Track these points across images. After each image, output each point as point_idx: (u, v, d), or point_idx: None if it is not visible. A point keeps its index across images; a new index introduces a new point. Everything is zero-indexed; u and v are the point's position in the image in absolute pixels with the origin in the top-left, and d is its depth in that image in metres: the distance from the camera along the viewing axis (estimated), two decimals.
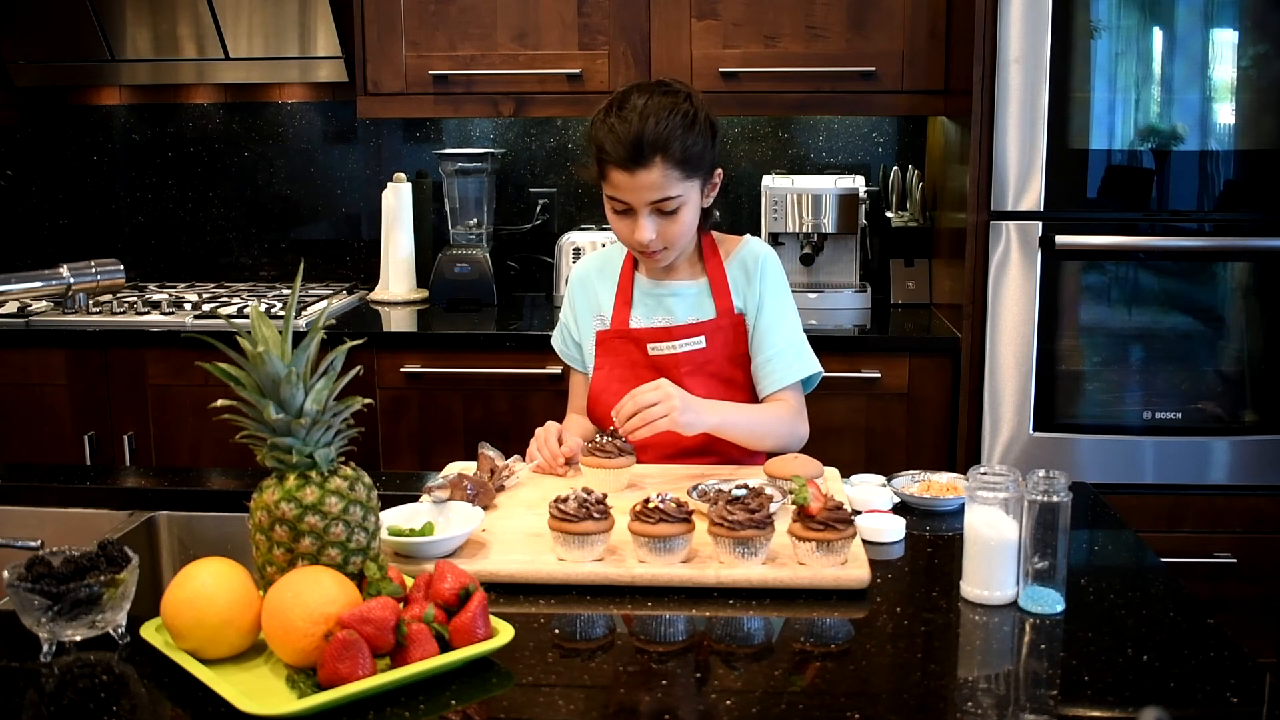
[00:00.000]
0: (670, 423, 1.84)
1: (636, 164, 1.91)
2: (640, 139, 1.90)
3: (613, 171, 1.94)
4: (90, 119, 3.63)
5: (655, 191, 1.93)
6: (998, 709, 1.21)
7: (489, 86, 3.15)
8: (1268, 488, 2.79)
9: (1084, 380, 2.83)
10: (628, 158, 1.91)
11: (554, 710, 1.22)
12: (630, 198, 1.95)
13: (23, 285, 2.90)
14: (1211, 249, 2.77)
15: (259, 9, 3.27)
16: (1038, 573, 1.43)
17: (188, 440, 3.05)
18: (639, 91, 1.97)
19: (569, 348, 2.21)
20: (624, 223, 2.00)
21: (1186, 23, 2.69)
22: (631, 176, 1.93)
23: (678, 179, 1.94)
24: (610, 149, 1.93)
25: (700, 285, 2.11)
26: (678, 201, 1.96)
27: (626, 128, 1.92)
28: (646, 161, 1.91)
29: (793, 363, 2.06)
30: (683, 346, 2.06)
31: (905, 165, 3.42)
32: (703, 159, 1.97)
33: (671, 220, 1.97)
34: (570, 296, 2.20)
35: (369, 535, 1.39)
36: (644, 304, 2.12)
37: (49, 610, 1.30)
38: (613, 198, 1.98)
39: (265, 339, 1.33)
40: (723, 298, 2.08)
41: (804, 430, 2.06)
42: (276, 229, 3.65)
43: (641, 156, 1.91)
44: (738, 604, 1.46)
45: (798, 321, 2.11)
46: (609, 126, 1.94)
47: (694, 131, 1.95)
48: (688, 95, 1.99)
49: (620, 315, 2.12)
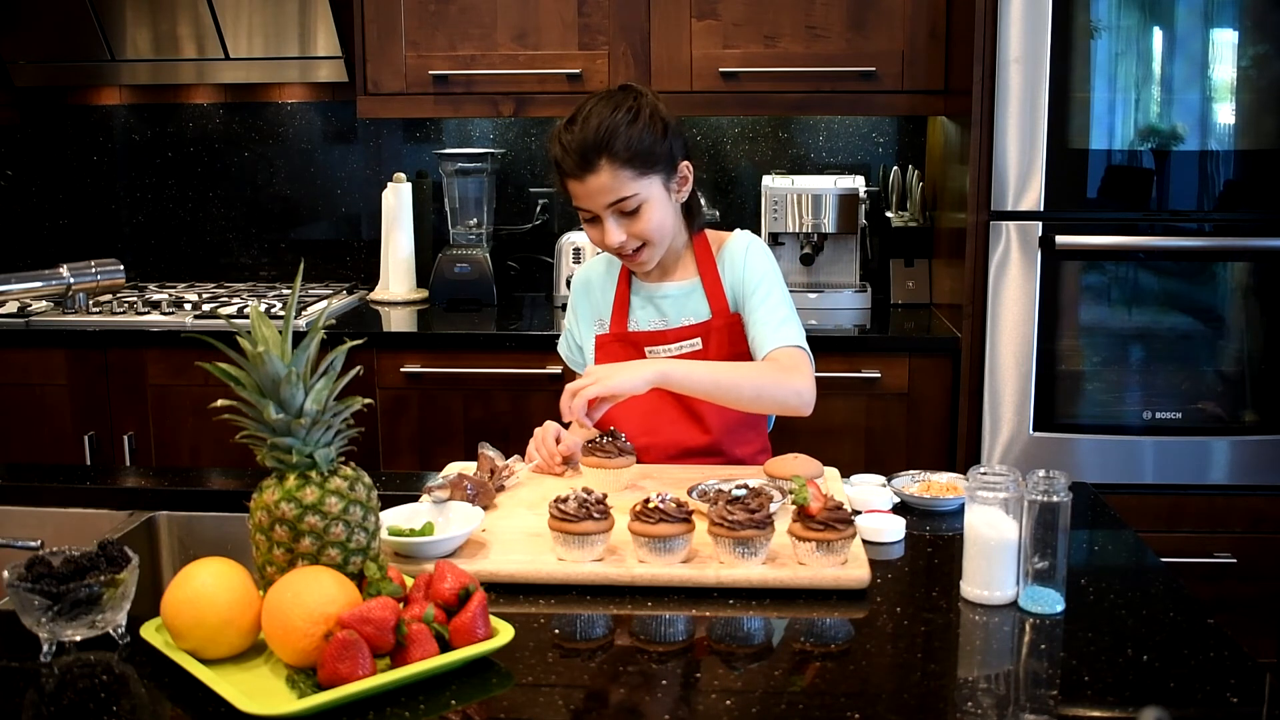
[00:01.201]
0: (602, 387, 1.78)
1: (585, 170, 1.94)
2: (584, 145, 1.93)
3: (569, 183, 1.98)
4: (90, 119, 3.63)
5: (609, 194, 1.95)
6: (998, 709, 1.21)
7: (489, 86, 3.15)
8: (1268, 488, 2.79)
9: (1084, 380, 2.83)
10: (576, 166, 1.94)
11: (554, 710, 1.22)
12: (588, 204, 1.98)
13: (23, 285, 2.90)
14: (1211, 249, 2.77)
15: (259, 9, 3.27)
16: (1038, 573, 1.43)
17: (188, 440, 3.05)
18: (588, 102, 1.99)
19: (573, 352, 2.22)
20: (595, 230, 2.02)
21: (1186, 23, 2.69)
22: (583, 183, 1.95)
23: (630, 178, 1.94)
24: (561, 161, 1.97)
25: (693, 285, 2.10)
26: (637, 200, 1.96)
27: (572, 137, 1.95)
28: (593, 165, 1.93)
29: (772, 332, 1.98)
30: (680, 349, 2.08)
31: (905, 165, 3.42)
32: (654, 154, 1.95)
33: (636, 219, 1.98)
34: (573, 302, 2.22)
35: (369, 535, 1.39)
36: (640, 307, 2.13)
37: (49, 610, 1.30)
38: (578, 207, 2.01)
39: (265, 339, 1.33)
40: (717, 298, 2.08)
41: (801, 384, 1.91)
42: (276, 229, 3.65)
43: (588, 162, 1.93)
44: (738, 604, 1.46)
45: (785, 298, 2.04)
46: (559, 140, 1.97)
47: (638, 127, 1.93)
48: (636, 94, 1.99)
49: (618, 319, 2.13)
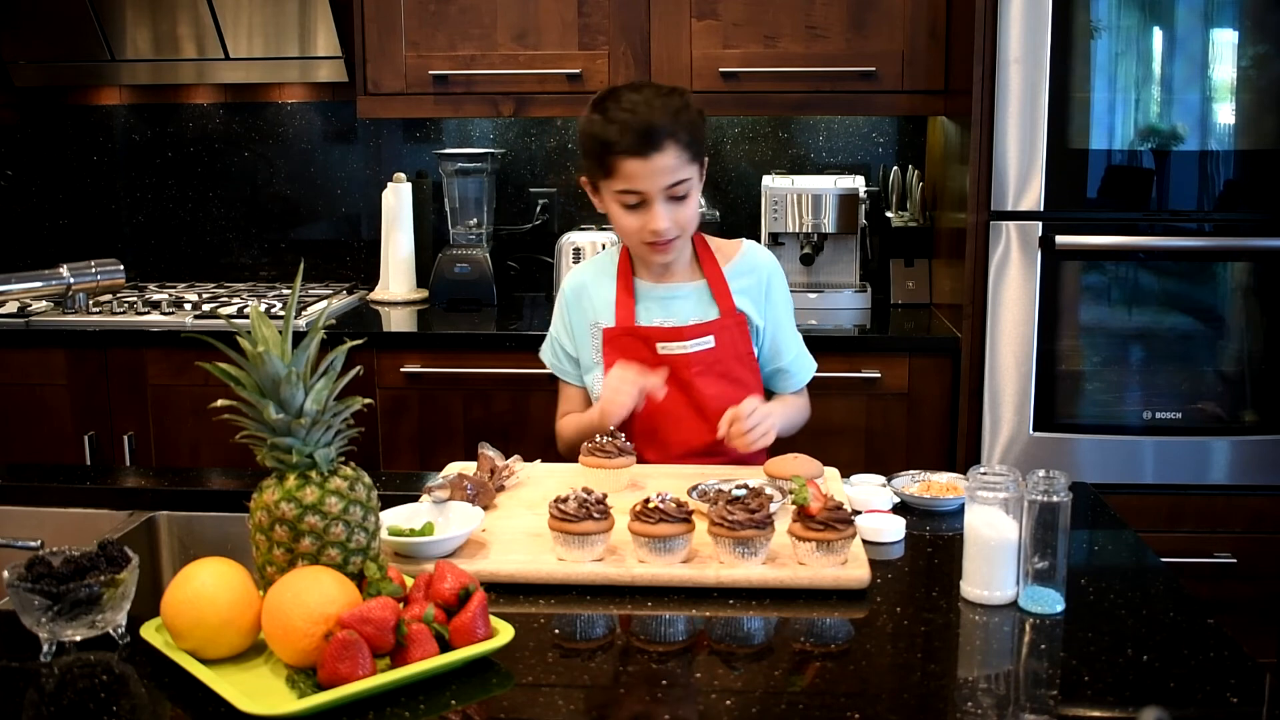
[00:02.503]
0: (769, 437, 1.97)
1: (652, 148, 1.95)
2: (650, 124, 1.95)
3: (625, 162, 1.97)
4: (90, 119, 3.63)
5: (669, 175, 1.98)
6: (998, 709, 1.21)
7: (489, 86, 3.15)
8: (1268, 488, 2.79)
9: (1084, 380, 2.82)
10: (642, 144, 1.95)
11: (554, 710, 1.22)
12: (646, 185, 1.98)
13: (23, 285, 2.89)
14: (1211, 249, 2.77)
15: (259, 9, 3.27)
16: (1038, 573, 1.43)
17: (188, 440, 3.05)
18: (628, 89, 2.02)
19: (560, 360, 2.21)
20: (636, 216, 2.02)
21: (1186, 23, 2.69)
22: (647, 162, 1.96)
23: (686, 161, 2.00)
24: (620, 139, 1.96)
25: (700, 286, 2.13)
26: (688, 185, 2.01)
27: (634, 117, 1.96)
28: (659, 144, 1.96)
29: (806, 364, 2.23)
30: (693, 346, 2.08)
31: (905, 165, 3.42)
32: (701, 143, 2.05)
33: (683, 205, 2.02)
34: (563, 309, 2.19)
35: (369, 535, 1.39)
36: (647, 305, 2.13)
37: (49, 610, 1.30)
38: (626, 190, 2.00)
39: (265, 339, 1.33)
40: (724, 298, 2.11)
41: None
42: (276, 229, 3.65)
43: (653, 141, 1.95)
44: (738, 604, 1.46)
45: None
46: (613, 120, 1.97)
47: (692, 112, 2.02)
48: (674, 87, 2.07)
49: (625, 314, 2.12)
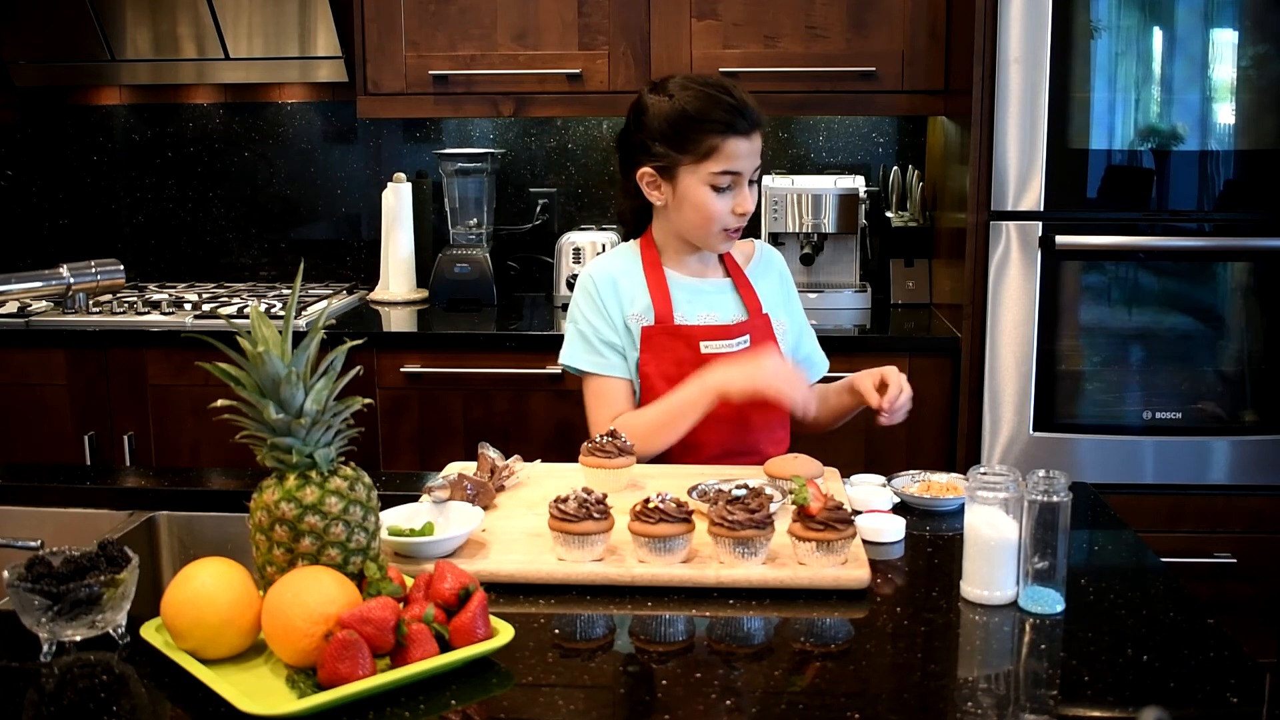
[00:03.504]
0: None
1: (754, 128, 1.98)
2: (748, 105, 1.97)
3: (731, 142, 1.96)
4: (90, 119, 3.63)
5: (758, 157, 2.01)
6: (998, 709, 1.21)
7: (489, 86, 3.15)
8: (1268, 488, 2.79)
9: (1084, 380, 2.83)
10: (748, 124, 1.96)
11: (554, 710, 1.22)
12: (745, 164, 1.99)
13: (23, 285, 2.88)
14: (1211, 249, 2.77)
15: (259, 9, 3.27)
16: (1038, 573, 1.43)
17: (188, 440, 3.05)
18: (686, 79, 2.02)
19: (602, 353, 2.05)
20: (723, 200, 2.00)
21: (1186, 23, 2.69)
22: (750, 141, 1.98)
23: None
24: (726, 118, 1.95)
25: (728, 283, 2.14)
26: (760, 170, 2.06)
27: (731, 99, 1.96)
28: (760, 125, 1.99)
29: (822, 356, 2.29)
30: (737, 345, 2.07)
31: (905, 165, 3.42)
32: None
33: (753, 190, 2.04)
34: (595, 299, 2.06)
35: (369, 535, 1.39)
36: (684, 301, 2.08)
37: (49, 610, 1.29)
38: (724, 171, 1.97)
39: (265, 339, 1.33)
40: (751, 297, 2.12)
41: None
42: (276, 229, 3.65)
43: (756, 122, 1.98)
44: (738, 604, 1.46)
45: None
46: (710, 99, 1.96)
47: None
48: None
49: (663, 311, 2.05)
